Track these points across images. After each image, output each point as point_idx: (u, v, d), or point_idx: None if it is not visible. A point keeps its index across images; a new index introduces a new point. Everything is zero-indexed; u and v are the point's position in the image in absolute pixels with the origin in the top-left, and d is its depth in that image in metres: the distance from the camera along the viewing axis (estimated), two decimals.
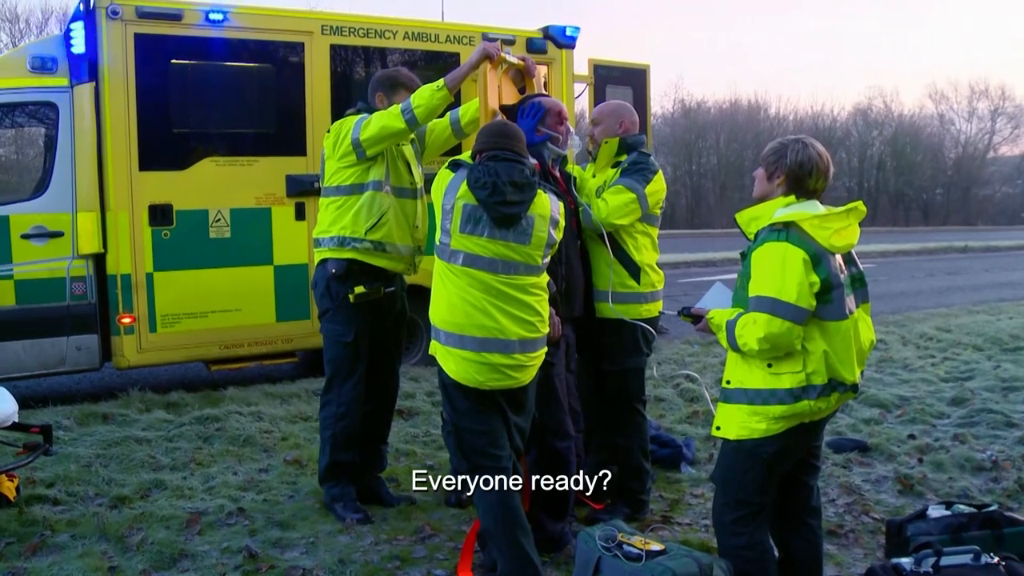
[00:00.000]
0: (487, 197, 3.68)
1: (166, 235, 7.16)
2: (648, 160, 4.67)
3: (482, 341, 3.69)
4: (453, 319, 3.73)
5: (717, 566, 3.17)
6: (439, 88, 4.43)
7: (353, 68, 8.05)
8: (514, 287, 3.74)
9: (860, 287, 3.39)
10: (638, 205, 4.54)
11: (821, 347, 3.18)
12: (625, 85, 9.75)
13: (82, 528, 4.51)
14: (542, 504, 4.28)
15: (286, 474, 5.37)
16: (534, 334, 3.80)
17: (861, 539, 4.61)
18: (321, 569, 4.05)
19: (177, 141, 7.31)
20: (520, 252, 3.75)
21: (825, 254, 3.20)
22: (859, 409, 7.09)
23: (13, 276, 6.82)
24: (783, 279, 3.14)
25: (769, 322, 3.12)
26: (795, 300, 3.12)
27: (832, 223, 3.24)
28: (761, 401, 3.24)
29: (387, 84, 4.81)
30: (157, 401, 6.93)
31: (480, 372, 3.72)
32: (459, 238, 3.72)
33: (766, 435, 3.24)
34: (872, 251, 28.21)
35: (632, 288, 4.64)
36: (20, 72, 7.00)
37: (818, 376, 3.19)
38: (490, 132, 3.94)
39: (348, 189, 4.68)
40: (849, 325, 3.24)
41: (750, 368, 3.29)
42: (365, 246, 4.64)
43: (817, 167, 3.32)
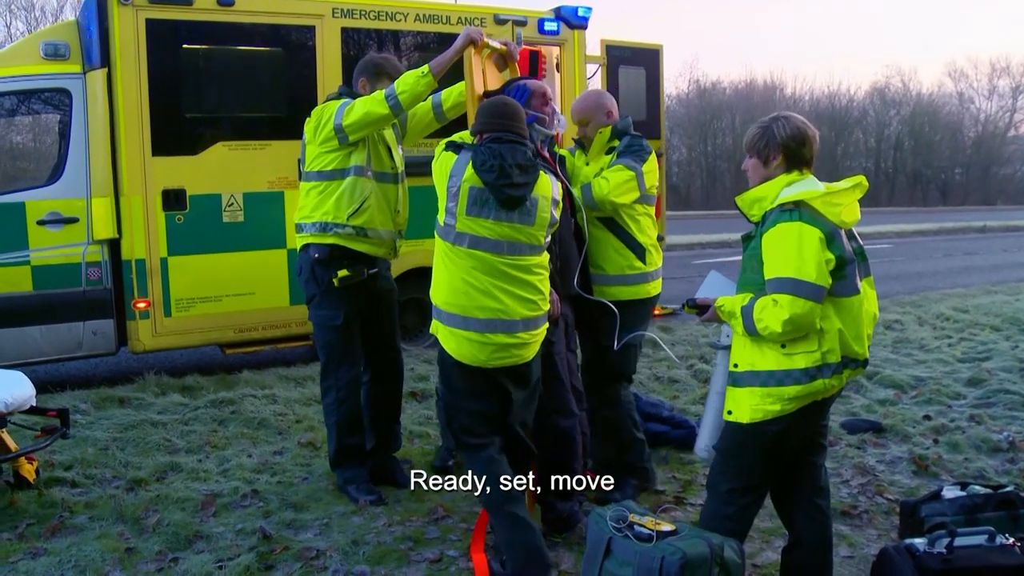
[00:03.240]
0: (495, 180, 3.69)
1: (180, 220, 7.19)
2: (641, 142, 4.71)
3: (486, 322, 3.73)
4: (455, 300, 3.76)
5: (728, 546, 3.16)
6: (424, 74, 4.44)
7: (365, 51, 8.01)
8: (518, 268, 3.78)
9: (862, 261, 3.34)
10: (636, 183, 4.56)
11: (836, 325, 3.16)
12: (638, 66, 9.71)
13: (99, 510, 4.57)
14: (550, 483, 4.30)
15: (300, 456, 5.41)
16: (536, 312, 3.85)
17: (875, 520, 4.60)
18: (334, 550, 4.08)
19: (189, 126, 7.32)
20: (525, 233, 3.78)
21: (837, 231, 3.19)
22: (874, 390, 7.06)
23: (30, 262, 6.87)
24: (801, 258, 3.11)
25: (792, 303, 3.08)
26: (815, 279, 3.09)
27: (841, 199, 3.23)
28: (775, 383, 3.20)
29: (371, 70, 4.81)
30: (172, 385, 6.98)
31: (483, 352, 3.77)
32: (465, 220, 3.73)
33: (780, 415, 3.22)
34: (889, 231, 28.06)
35: (639, 268, 4.67)
36: (34, 59, 7.03)
37: (833, 355, 3.17)
38: (491, 112, 3.92)
39: (330, 174, 4.67)
40: (860, 300, 3.22)
41: (761, 350, 3.25)
42: (347, 231, 4.65)
43: (806, 135, 3.31)
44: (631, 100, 9.52)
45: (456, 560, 4.04)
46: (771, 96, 56.35)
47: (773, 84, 58.00)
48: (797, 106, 56.67)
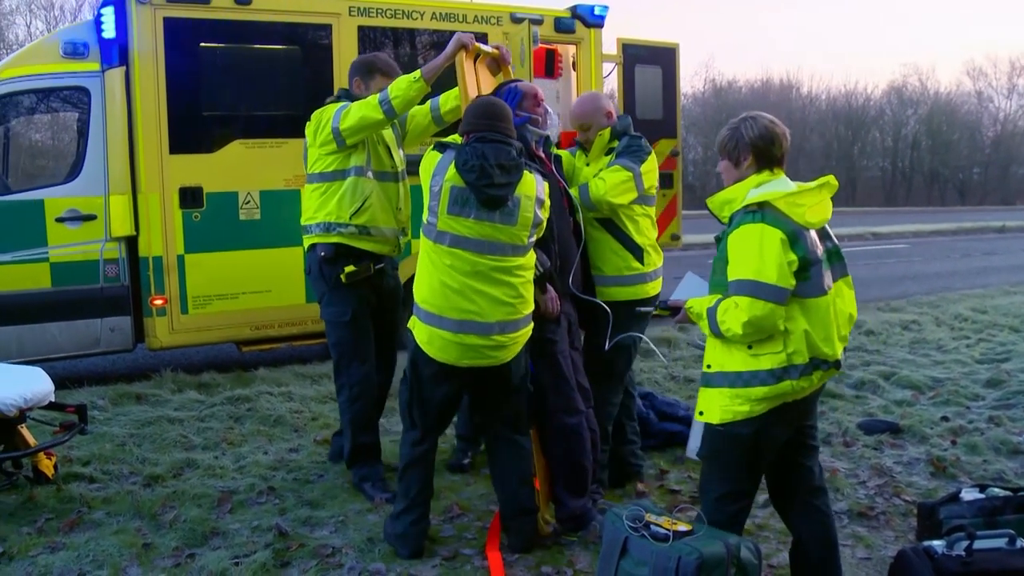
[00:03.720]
0: (475, 180, 3.72)
1: (196, 217, 7.22)
2: (641, 142, 4.70)
3: (459, 323, 3.78)
4: (433, 300, 3.82)
5: (745, 547, 3.15)
6: (416, 79, 4.48)
7: (381, 49, 8.03)
8: (499, 269, 3.81)
9: (837, 261, 3.32)
10: (634, 184, 4.56)
11: (802, 326, 3.14)
12: (654, 64, 9.69)
13: (117, 505, 4.59)
14: (561, 481, 4.32)
15: (316, 454, 5.42)
16: (514, 315, 3.87)
17: (892, 521, 4.57)
18: (350, 547, 4.09)
19: (207, 124, 7.36)
20: (507, 233, 3.81)
21: (802, 231, 3.16)
22: (891, 390, 7.02)
23: (49, 259, 6.92)
24: (762, 260, 3.10)
25: (752, 305, 3.08)
26: (776, 280, 3.08)
27: (805, 199, 3.20)
28: (743, 383, 3.20)
29: (363, 69, 4.88)
30: (189, 382, 7.01)
31: (455, 351, 3.83)
32: (446, 219, 3.77)
33: (748, 416, 3.21)
34: (906, 231, 27.92)
35: (637, 269, 4.67)
36: (53, 58, 7.06)
37: (799, 356, 3.15)
38: (477, 113, 3.95)
39: (331, 175, 4.74)
40: (828, 301, 3.20)
41: (730, 351, 3.24)
42: (350, 231, 4.73)
43: (776, 134, 3.30)
44: (647, 99, 9.51)
45: (471, 558, 4.04)
46: (787, 95, 56.19)
47: (789, 83, 57.85)
48: (814, 105, 56.55)
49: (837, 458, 5.44)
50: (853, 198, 53.25)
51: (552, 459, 4.36)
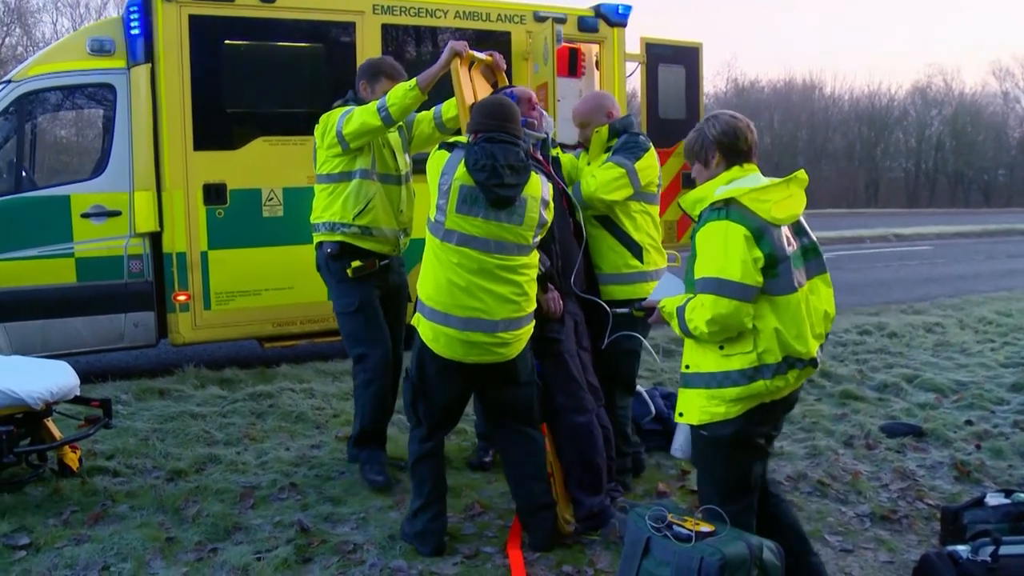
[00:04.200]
0: (486, 179, 3.75)
1: (220, 214, 7.25)
2: (638, 139, 4.71)
3: (466, 320, 3.82)
4: (439, 297, 3.85)
5: (767, 548, 3.13)
6: (412, 88, 4.57)
7: (404, 48, 8.06)
8: (505, 267, 3.85)
9: (813, 257, 3.31)
10: (628, 180, 4.56)
11: (771, 324, 3.13)
12: (677, 64, 9.64)
13: (140, 499, 4.63)
14: (576, 480, 4.33)
15: (337, 450, 5.44)
16: (519, 313, 3.92)
17: (915, 525, 4.54)
18: (372, 544, 4.10)
19: (231, 121, 7.39)
20: (513, 232, 3.85)
21: (768, 227, 3.14)
22: (914, 393, 6.97)
23: (74, 254, 6.98)
24: (726, 257, 3.10)
25: (716, 303, 3.09)
26: (740, 278, 3.08)
27: (770, 195, 3.18)
28: (716, 384, 3.20)
29: (369, 73, 5.01)
30: (211, 377, 7.05)
31: (460, 348, 3.87)
32: (455, 218, 3.80)
33: (726, 418, 3.21)
34: (929, 232, 27.70)
35: (636, 267, 4.67)
36: (80, 55, 7.12)
37: (770, 355, 3.14)
38: (486, 112, 3.98)
39: (337, 177, 4.89)
40: (799, 298, 3.17)
41: (703, 351, 3.25)
42: (353, 231, 4.88)
43: (737, 128, 3.32)
44: (670, 98, 9.47)
45: (492, 556, 4.04)
46: (810, 95, 55.80)
47: (812, 83, 57.42)
48: (836, 105, 56.16)
49: (860, 460, 5.41)
50: (876, 199, 52.90)
51: (565, 458, 4.38)
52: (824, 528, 4.47)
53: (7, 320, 6.79)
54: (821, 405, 6.62)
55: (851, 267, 17.81)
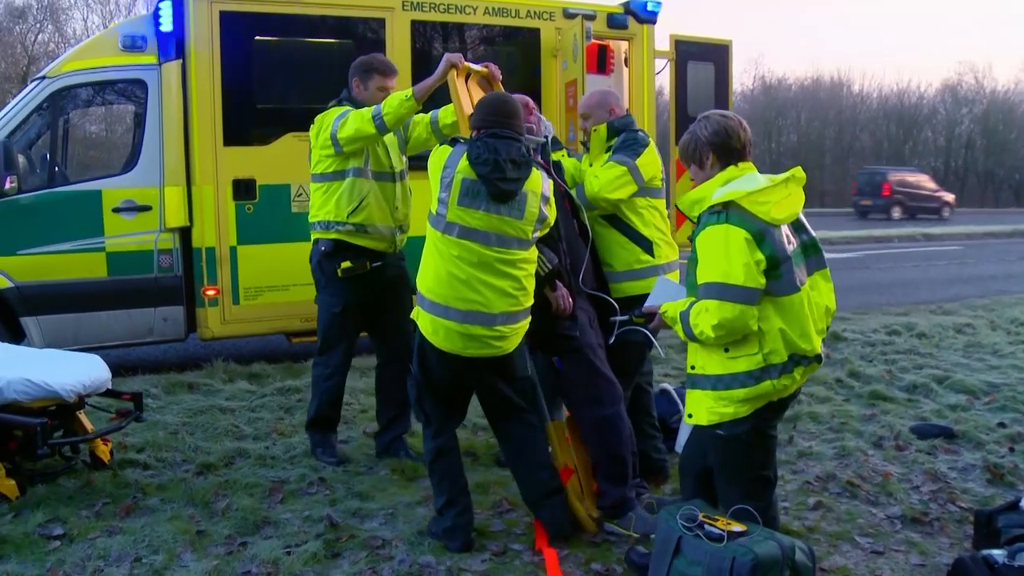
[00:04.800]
0: (488, 173, 3.80)
1: (249, 209, 7.29)
2: (637, 136, 4.71)
3: (465, 313, 3.85)
4: (439, 290, 3.88)
5: (799, 549, 3.12)
6: (407, 98, 4.65)
7: (434, 44, 8.07)
8: (504, 261, 3.88)
9: (813, 254, 3.34)
10: (631, 178, 4.57)
11: (776, 325, 3.16)
12: (706, 61, 9.59)
13: (171, 493, 4.67)
14: (603, 472, 4.36)
15: (365, 446, 5.46)
16: (517, 307, 3.96)
17: (947, 528, 4.49)
18: (400, 540, 4.12)
19: (260, 117, 7.44)
20: (514, 226, 3.88)
21: (768, 229, 3.16)
22: (944, 394, 6.89)
23: (105, 248, 7.04)
24: (728, 262, 3.12)
25: (720, 307, 3.11)
26: (743, 281, 3.10)
27: (769, 196, 3.21)
28: (724, 386, 3.24)
29: (361, 70, 5.10)
30: (240, 372, 7.10)
31: (460, 341, 3.90)
32: (456, 211, 3.83)
33: (736, 417, 3.26)
34: (958, 232, 27.41)
35: (648, 262, 4.66)
36: (112, 51, 7.18)
37: (776, 355, 3.18)
38: (489, 109, 4.03)
39: (331, 176, 4.99)
40: (802, 297, 3.20)
41: (709, 354, 3.28)
42: (348, 228, 4.97)
43: (729, 127, 3.35)
44: (699, 96, 9.42)
45: (520, 554, 4.04)
46: (838, 93, 55.34)
47: (840, 81, 56.92)
48: (865, 103, 55.63)
49: (889, 462, 5.36)
50: None
51: (591, 451, 4.41)
52: (854, 529, 4.43)
53: (40, 313, 6.86)
54: (850, 405, 6.57)
55: (879, 266, 17.67)
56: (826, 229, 23.76)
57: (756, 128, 56.90)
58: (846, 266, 17.71)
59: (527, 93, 5.87)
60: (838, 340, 8.89)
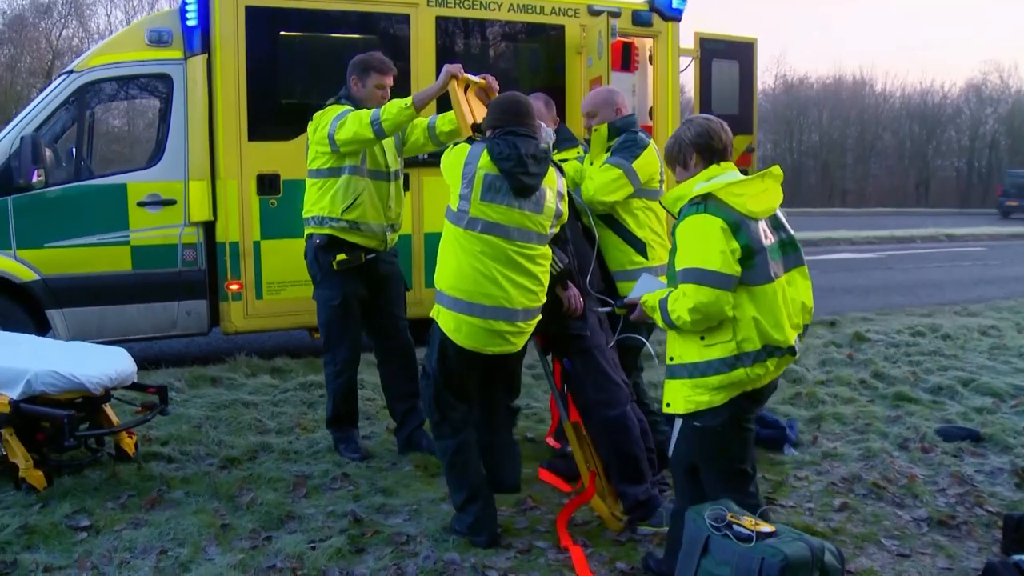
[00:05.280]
0: (512, 168, 3.89)
1: (273, 204, 7.31)
2: (636, 137, 4.71)
3: (490, 309, 3.92)
4: (461, 285, 3.93)
5: (828, 550, 3.08)
6: (407, 106, 4.74)
7: (458, 40, 8.05)
8: (525, 256, 3.96)
9: (791, 251, 3.45)
10: (627, 180, 4.58)
11: (750, 313, 3.26)
12: (731, 59, 9.54)
13: (195, 486, 4.69)
14: (617, 473, 4.36)
15: (388, 442, 5.47)
16: (535, 303, 4.06)
17: (974, 532, 4.44)
18: (424, 536, 4.11)
19: (285, 112, 7.44)
20: (534, 221, 3.98)
21: (744, 220, 3.28)
22: (970, 397, 6.83)
23: (130, 242, 7.08)
24: (705, 249, 3.24)
25: (697, 291, 3.22)
26: (719, 267, 3.22)
27: (745, 189, 3.34)
28: (699, 374, 3.33)
29: (359, 67, 5.19)
30: (262, 366, 7.13)
31: (483, 337, 3.96)
32: (479, 206, 3.91)
33: (711, 406, 3.34)
34: (982, 234, 27.17)
35: (641, 263, 4.65)
36: (138, 46, 7.22)
37: (749, 343, 3.27)
38: (504, 109, 4.12)
39: (327, 172, 5.07)
40: (775, 288, 3.30)
41: (686, 343, 3.38)
42: (341, 225, 5.06)
43: (711, 129, 3.47)
44: (724, 94, 9.38)
45: (545, 551, 4.03)
46: (860, 92, 54.94)
47: (863, 80, 56.50)
48: (887, 103, 55.19)
49: (915, 464, 5.31)
50: (926, 198, 51.94)
51: (602, 453, 4.42)
52: (880, 531, 4.39)
53: (65, 306, 6.91)
54: (874, 407, 6.52)
55: (901, 267, 17.54)
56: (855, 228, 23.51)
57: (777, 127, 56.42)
58: (868, 266, 17.61)
59: (551, 90, 5.88)
60: (862, 341, 8.82)
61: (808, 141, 53.58)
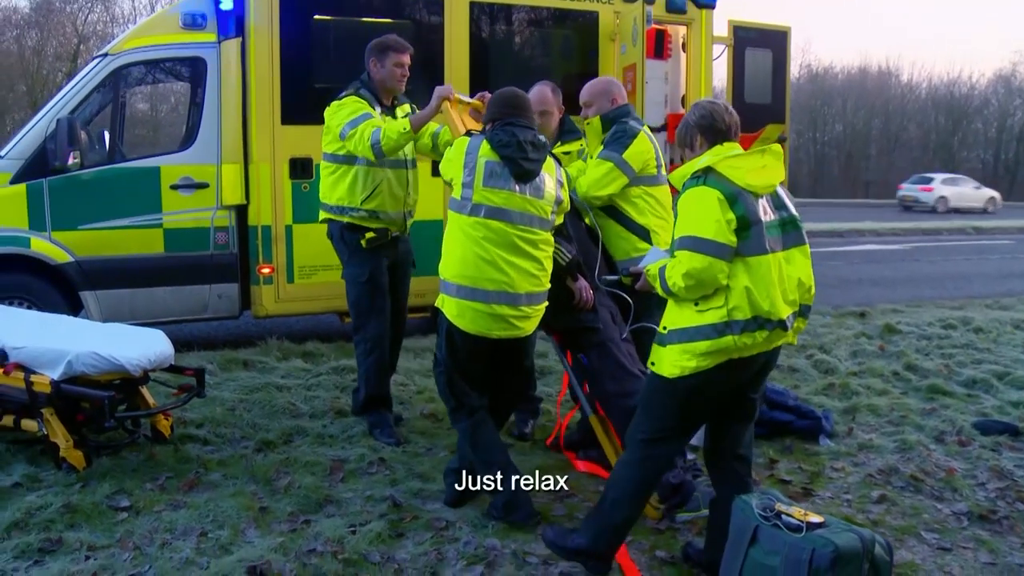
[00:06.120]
0: (512, 153, 4.06)
1: (305, 188, 7.30)
2: (626, 127, 4.71)
3: (492, 293, 4.05)
4: (465, 272, 4.07)
5: (878, 543, 3.06)
6: (405, 130, 4.92)
7: (492, 25, 8.02)
8: (527, 241, 4.10)
9: (792, 230, 3.50)
10: (618, 172, 4.61)
11: (743, 283, 3.32)
12: (764, 48, 9.44)
13: (232, 469, 4.70)
14: None
15: (423, 427, 5.47)
16: (539, 288, 4.18)
17: (1017, 527, 4.38)
18: (464, 522, 4.11)
19: (318, 96, 7.36)
20: (536, 206, 4.13)
21: (742, 192, 3.35)
22: (1005, 391, 6.74)
23: (163, 225, 7.10)
24: (700, 217, 3.33)
25: (691, 258, 3.30)
26: (713, 236, 3.29)
27: (742, 163, 3.42)
28: (688, 339, 3.39)
29: (377, 49, 5.27)
30: (294, 350, 7.13)
31: (486, 321, 4.08)
32: (482, 191, 4.06)
33: (695, 371, 3.38)
34: (1009, 227, 26.86)
35: (645, 249, 4.56)
36: (173, 29, 7.22)
37: (740, 311, 3.32)
38: (502, 103, 4.28)
39: (343, 158, 5.17)
40: (769, 261, 3.35)
41: (681, 310, 3.45)
42: (360, 214, 5.19)
43: (715, 111, 3.56)
44: (756, 83, 9.28)
45: None
46: (886, 82, 54.44)
47: (888, 70, 55.96)
48: (913, 93, 54.69)
49: (952, 457, 5.26)
50: None
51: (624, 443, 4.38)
52: (919, 524, 4.35)
53: (98, 288, 6.94)
54: (908, 399, 6.46)
55: (928, 259, 17.39)
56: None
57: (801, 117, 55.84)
58: (894, 258, 17.48)
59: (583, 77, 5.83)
60: (892, 332, 8.74)
61: (832, 131, 53.17)
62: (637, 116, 4.90)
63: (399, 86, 5.33)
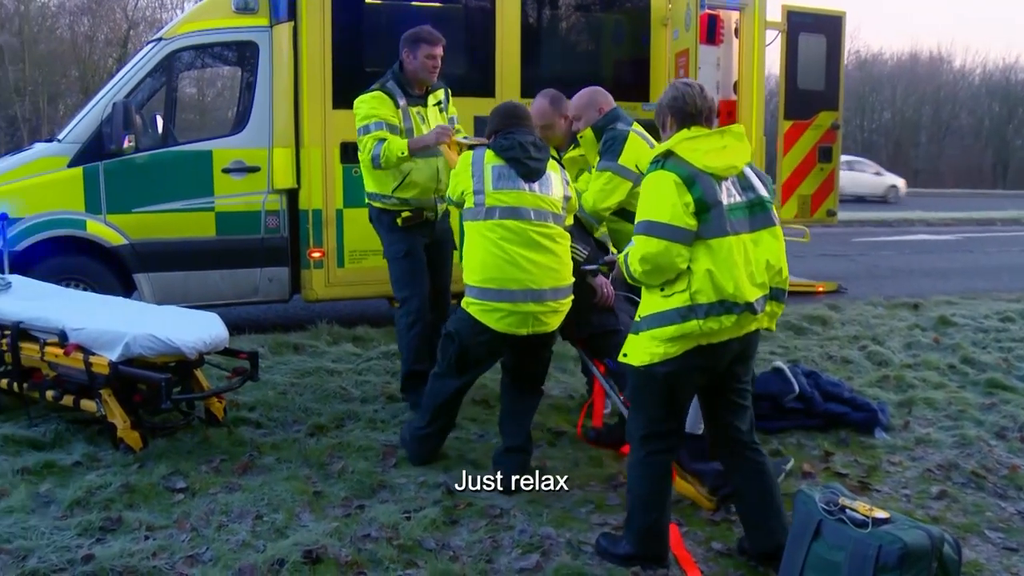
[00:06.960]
0: (515, 154, 4.23)
1: (356, 172, 7.25)
2: (615, 132, 4.77)
3: (519, 293, 4.15)
4: (489, 275, 4.17)
5: (947, 541, 2.98)
6: (403, 153, 5.07)
7: (543, 10, 7.95)
8: (544, 235, 4.22)
9: (760, 211, 3.47)
10: (619, 179, 4.71)
11: (704, 266, 3.30)
12: (819, 33, 9.31)
13: (285, 452, 4.72)
14: (685, 456, 4.31)
15: (474, 413, 5.44)
16: (562, 282, 4.28)
17: None
18: (518, 510, 4.08)
19: (370, 80, 7.34)
20: (547, 201, 4.27)
21: (700, 174, 3.34)
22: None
23: (214, 208, 7.16)
24: (656, 201, 3.35)
25: (646, 242, 3.32)
26: (669, 219, 3.29)
27: (700, 144, 3.40)
28: (656, 324, 3.39)
29: (410, 41, 5.38)
30: (344, 335, 7.16)
31: (516, 320, 4.19)
32: (493, 194, 4.21)
33: (665, 358, 3.38)
34: None
35: None
36: (225, 13, 7.27)
37: (702, 295, 3.30)
38: (503, 115, 4.46)
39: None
40: (731, 243, 3.33)
41: (650, 296, 3.46)
42: (392, 202, 5.35)
43: (686, 93, 3.52)
44: (809, 69, 9.16)
45: None
46: (937, 69, 53.32)
47: (940, 56, 54.78)
48: (966, 80, 53.51)
49: (1015, 454, 5.12)
50: (1004, 179, 50.31)
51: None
52: (983, 523, 4.24)
53: (151, 270, 7.03)
54: (966, 393, 6.31)
55: (983, 250, 17.03)
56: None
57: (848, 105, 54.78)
58: (947, 248, 17.16)
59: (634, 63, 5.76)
60: (947, 325, 8.56)
61: (880, 119, 52.23)
62: (627, 117, 4.94)
63: (431, 77, 5.43)
